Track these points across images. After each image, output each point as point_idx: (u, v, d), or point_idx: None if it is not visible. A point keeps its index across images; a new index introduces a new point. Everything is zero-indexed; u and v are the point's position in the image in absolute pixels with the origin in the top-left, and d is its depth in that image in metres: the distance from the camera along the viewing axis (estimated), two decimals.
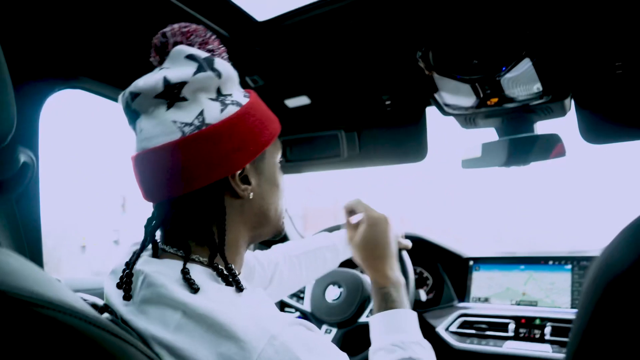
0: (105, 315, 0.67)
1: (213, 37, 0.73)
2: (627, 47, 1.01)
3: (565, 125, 1.24)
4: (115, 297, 0.67)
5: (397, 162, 1.39)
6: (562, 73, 1.08)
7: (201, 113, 0.65)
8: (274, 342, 0.56)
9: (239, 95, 0.71)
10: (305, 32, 1.13)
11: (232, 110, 0.68)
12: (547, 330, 1.39)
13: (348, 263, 1.68)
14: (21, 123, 0.98)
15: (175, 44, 0.70)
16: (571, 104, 1.19)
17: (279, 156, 0.79)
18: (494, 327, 1.49)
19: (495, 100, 1.17)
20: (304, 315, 1.49)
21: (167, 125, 0.65)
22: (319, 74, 1.28)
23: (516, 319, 1.46)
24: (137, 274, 0.65)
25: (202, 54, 0.68)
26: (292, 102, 1.34)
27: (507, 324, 1.47)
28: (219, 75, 0.67)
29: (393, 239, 0.94)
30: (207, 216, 0.68)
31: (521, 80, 1.11)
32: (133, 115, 0.68)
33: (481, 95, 1.16)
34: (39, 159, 1.00)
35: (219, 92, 0.68)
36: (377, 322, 0.86)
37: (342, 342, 1.37)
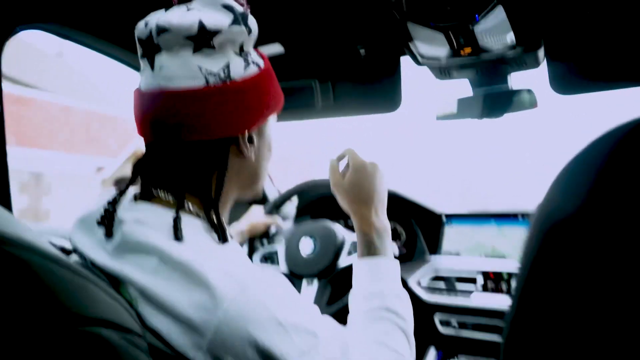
0: (73, 257, 0.68)
1: None
2: None
3: (537, 76, 1.24)
4: (84, 242, 0.67)
5: (371, 112, 1.38)
6: (534, 23, 1.07)
7: (227, 66, 0.67)
8: (245, 292, 0.58)
9: (255, 56, 0.72)
10: None
11: (253, 70, 0.70)
12: (514, 283, 1.43)
13: (329, 212, 1.70)
14: None
15: None
16: (544, 55, 1.18)
17: (275, 118, 0.80)
18: (463, 280, 1.53)
19: (468, 50, 1.16)
20: None
21: (192, 69, 0.65)
22: (293, 21, 1.26)
23: (485, 273, 1.50)
24: (117, 221, 0.65)
25: (238, 7, 0.69)
26: (266, 50, 1.32)
27: (476, 277, 1.51)
28: (249, 31, 0.69)
29: (382, 185, 0.92)
30: (209, 168, 0.69)
31: (494, 30, 1.10)
32: (152, 48, 0.66)
33: (455, 45, 1.15)
34: (2, 104, 0.98)
35: (241, 47, 0.69)
36: (358, 269, 0.86)
37: (326, 291, 1.39)
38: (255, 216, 1.55)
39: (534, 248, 0.27)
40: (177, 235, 0.61)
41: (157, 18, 0.65)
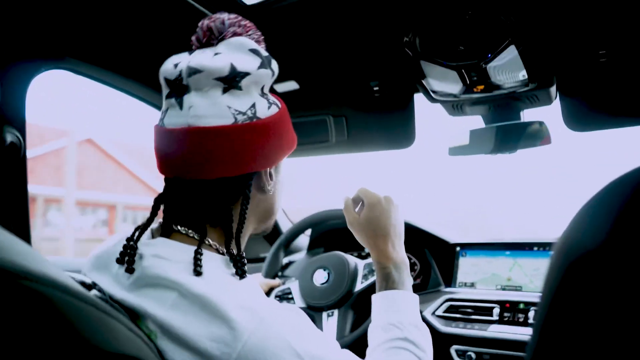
0: (93, 292, 0.68)
1: (262, 37, 0.77)
2: (611, 35, 1.02)
3: (551, 114, 1.25)
4: (100, 279, 0.68)
5: (384, 148, 1.39)
6: (546, 61, 1.09)
7: (253, 105, 0.70)
8: (263, 324, 0.58)
9: (273, 97, 0.75)
10: (293, 16, 1.13)
11: (274, 109, 0.73)
12: (531, 314, 1.41)
13: (342, 243, 1.70)
14: (8, 103, 0.99)
15: (235, 34, 0.72)
16: (557, 92, 1.20)
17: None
18: (479, 311, 1.52)
19: (481, 87, 1.18)
20: None
21: (221, 109, 0.67)
22: (307, 59, 1.29)
23: (501, 303, 1.49)
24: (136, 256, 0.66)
25: (263, 52, 0.72)
26: (281, 87, 1.35)
27: (492, 308, 1.50)
28: (273, 74, 0.73)
29: (397, 219, 0.93)
30: (232, 202, 0.72)
31: (507, 68, 1.12)
32: (181, 89, 0.69)
33: (467, 82, 1.17)
34: (25, 139, 1.01)
35: (262, 89, 0.72)
36: (376, 302, 0.88)
37: (348, 318, 1.37)
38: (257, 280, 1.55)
39: (556, 281, 0.27)
40: (197, 270, 0.62)
41: (188, 60, 0.68)
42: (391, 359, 0.77)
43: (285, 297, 1.51)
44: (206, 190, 0.69)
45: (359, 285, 1.38)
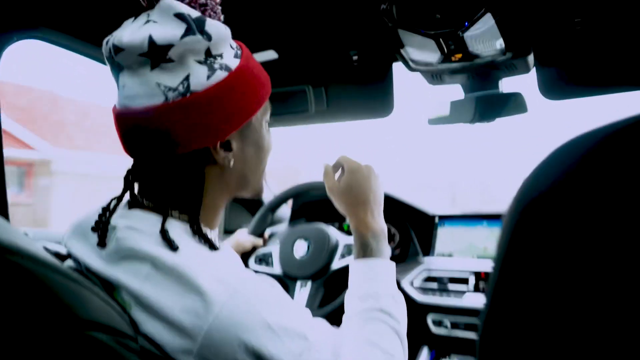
0: (68, 262, 0.69)
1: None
2: (586, 3, 1.01)
3: (530, 81, 1.25)
4: (79, 248, 0.68)
5: (364, 117, 1.39)
6: (523, 30, 1.08)
7: (187, 78, 0.63)
8: (235, 296, 0.58)
9: (229, 56, 0.68)
10: None
11: (220, 76, 0.65)
12: None
13: (324, 214, 1.72)
14: None
15: None
16: (534, 61, 1.20)
17: (267, 116, 0.77)
18: (455, 281, 1.55)
19: (459, 56, 1.18)
20: (276, 278, 1.52)
21: (150, 87, 0.62)
22: (286, 27, 1.27)
23: (477, 273, 1.51)
24: (111, 228, 0.66)
25: (193, 13, 0.64)
26: (260, 57, 1.33)
27: (468, 278, 1.53)
28: (208, 38, 0.64)
29: (377, 187, 0.91)
30: (186, 180, 0.69)
31: (483, 37, 1.11)
32: (116, 67, 0.66)
33: (445, 51, 1.17)
34: (0, 112, 0.99)
35: (208, 53, 0.65)
36: (354, 270, 0.87)
37: (319, 292, 1.40)
38: (241, 236, 1.56)
39: (509, 230, 0.27)
40: (171, 246, 0.62)
41: (114, 36, 0.64)
42: (366, 329, 0.76)
43: (265, 259, 1.53)
44: (154, 170, 0.68)
45: (336, 263, 1.41)
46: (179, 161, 0.66)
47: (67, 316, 0.46)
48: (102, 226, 0.66)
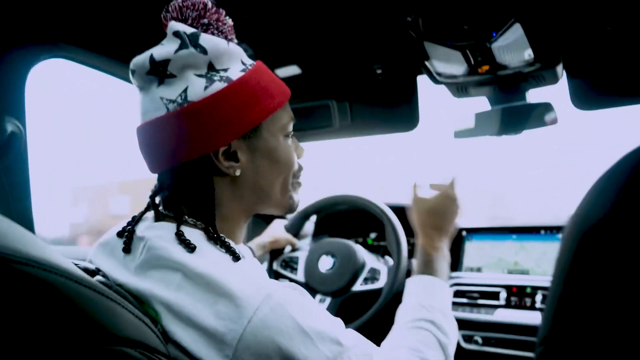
0: (97, 277, 0.68)
1: (213, 9, 0.72)
2: (618, 12, 1.00)
3: (556, 92, 1.23)
4: (106, 264, 0.69)
5: (388, 132, 1.38)
6: (552, 40, 1.07)
7: (185, 90, 0.66)
8: (269, 301, 0.58)
9: (234, 70, 0.69)
10: None
11: (217, 87, 0.67)
12: (538, 298, 1.41)
13: (346, 229, 1.69)
14: (7, 93, 0.98)
15: (173, 19, 0.70)
16: (563, 71, 1.18)
17: (285, 129, 0.75)
18: (485, 295, 1.51)
19: (486, 67, 1.16)
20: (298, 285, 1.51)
21: (156, 102, 0.66)
22: (309, 42, 1.27)
23: (507, 287, 1.48)
24: (139, 240, 0.67)
25: (189, 30, 0.67)
26: (283, 72, 1.33)
27: (499, 292, 1.49)
28: (204, 51, 0.67)
29: (456, 219, 0.98)
30: (195, 189, 0.70)
31: (512, 47, 1.10)
32: (138, 88, 0.71)
33: (472, 63, 1.15)
34: (26, 129, 1.00)
35: (210, 67, 0.68)
36: (413, 284, 0.88)
37: (335, 311, 1.39)
38: (277, 230, 1.54)
39: (569, 256, 0.27)
40: (188, 246, 0.63)
41: (131, 62, 0.69)
42: (412, 335, 0.76)
43: (290, 264, 1.52)
44: (171, 179, 0.71)
45: (357, 286, 1.40)
46: (185, 170, 0.69)
47: (97, 331, 0.45)
48: (127, 234, 0.68)
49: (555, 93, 1.23)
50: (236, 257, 0.65)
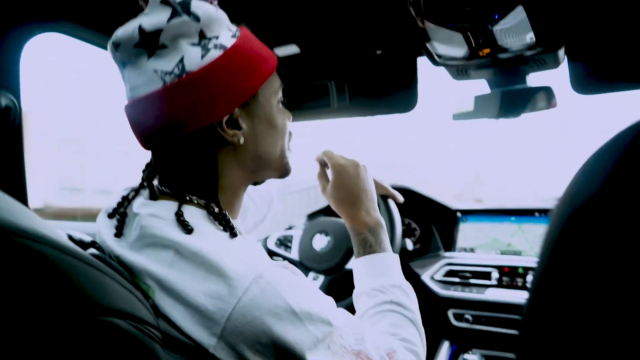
0: (90, 250, 0.69)
1: None
2: None
3: (556, 76, 1.22)
4: (107, 234, 0.69)
5: (386, 112, 1.38)
6: (555, 23, 1.05)
7: (181, 60, 0.64)
8: (260, 281, 0.58)
9: (225, 37, 0.68)
10: None
11: (214, 55, 0.66)
12: (529, 278, 1.43)
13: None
14: (1, 67, 0.97)
15: None
16: (564, 55, 1.17)
17: (277, 93, 0.76)
18: (477, 275, 1.54)
19: (487, 50, 1.15)
20: (292, 263, 1.52)
21: (149, 75, 0.64)
22: (309, 22, 1.25)
23: (499, 267, 1.50)
24: (133, 216, 0.67)
25: None
26: (282, 51, 1.31)
27: (491, 272, 1.52)
28: (196, 18, 0.64)
29: (367, 182, 0.90)
30: (199, 162, 0.69)
31: (514, 30, 1.08)
32: (120, 64, 0.67)
33: (473, 45, 1.14)
34: (20, 103, 0.99)
35: (202, 35, 0.66)
36: (358, 268, 0.86)
37: (329, 289, 1.41)
38: None
39: (556, 232, 0.27)
40: (186, 227, 0.62)
41: (113, 34, 0.66)
42: (381, 322, 0.76)
43: (284, 242, 1.54)
44: (170, 154, 0.69)
45: (351, 264, 1.41)
46: (188, 143, 0.67)
47: (87, 303, 0.46)
48: (119, 217, 0.68)
49: (555, 76, 1.22)
50: (233, 234, 0.65)
